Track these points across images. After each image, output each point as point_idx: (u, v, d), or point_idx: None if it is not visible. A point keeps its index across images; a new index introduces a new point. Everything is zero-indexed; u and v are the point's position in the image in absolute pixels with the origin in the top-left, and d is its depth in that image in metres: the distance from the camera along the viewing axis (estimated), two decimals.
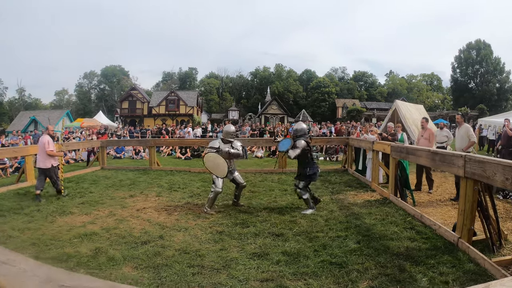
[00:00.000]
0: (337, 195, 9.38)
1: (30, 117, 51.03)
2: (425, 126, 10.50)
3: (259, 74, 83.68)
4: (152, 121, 49.83)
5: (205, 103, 73.64)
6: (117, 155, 21.52)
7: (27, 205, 8.75)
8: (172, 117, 52.36)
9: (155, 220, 7.17)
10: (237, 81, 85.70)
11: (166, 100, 53.08)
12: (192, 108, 53.07)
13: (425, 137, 10.21)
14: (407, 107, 17.95)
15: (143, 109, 53.55)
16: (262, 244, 5.56)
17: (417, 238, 5.65)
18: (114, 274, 4.59)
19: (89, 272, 4.67)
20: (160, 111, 52.92)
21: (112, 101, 75.32)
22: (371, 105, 65.32)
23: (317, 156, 19.17)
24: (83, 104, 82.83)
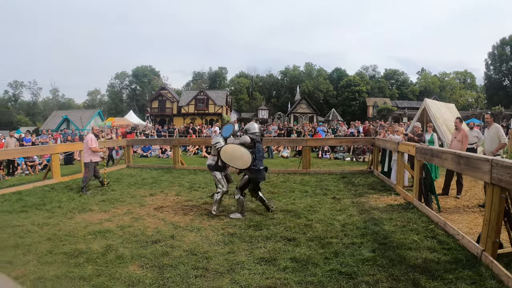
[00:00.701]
0: (359, 198, 8.97)
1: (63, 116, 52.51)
2: (459, 127, 9.73)
3: (289, 73, 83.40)
4: (182, 120, 50.38)
5: (235, 102, 73.87)
6: (144, 153, 21.82)
7: (50, 201, 9.06)
8: (201, 116, 52.81)
9: (170, 219, 7.20)
10: (267, 80, 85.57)
11: (195, 99, 53.54)
12: (221, 107, 53.34)
13: (458, 139, 9.49)
14: (437, 106, 17.31)
15: (173, 108, 54.22)
16: (272, 248, 5.41)
17: (438, 248, 5.24)
18: (119, 272, 4.65)
19: (96, 268, 4.77)
20: (189, 110, 53.43)
21: (143, 100, 76.55)
22: (402, 104, 63.98)
23: (343, 156, 18.93)
24: (114, 104, 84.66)
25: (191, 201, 8.84)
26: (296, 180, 11.77)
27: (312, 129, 24.98)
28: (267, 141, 16.85)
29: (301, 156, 14.88)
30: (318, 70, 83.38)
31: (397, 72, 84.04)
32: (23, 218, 7.52)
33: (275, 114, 59.94)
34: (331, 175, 12.76)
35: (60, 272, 4.68)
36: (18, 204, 8.84)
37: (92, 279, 4.45)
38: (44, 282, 4.43)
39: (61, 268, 4.81)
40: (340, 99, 72.56)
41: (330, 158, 19.15)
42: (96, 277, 4.52)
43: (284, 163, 16.93)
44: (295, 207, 8.06)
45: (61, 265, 4.95)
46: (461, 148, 9.05)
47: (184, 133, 26.10)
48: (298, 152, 19.56)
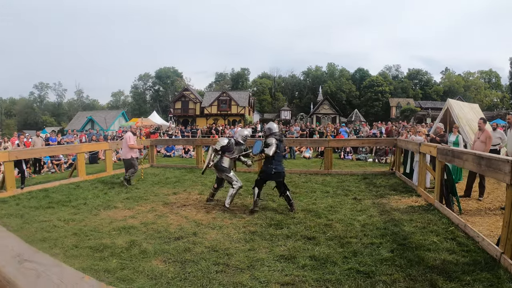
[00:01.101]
0: (380, 199, 8.91)
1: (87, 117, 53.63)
2: (483, 127, 9.53)
3: (312, 73, 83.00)
4: (204, 121, 50.71)
5: (258, 103, 73.94)
6: (167, 153, 22.10)
7: (75, 198, 9.34)
8: (224, 117, 53.02)
9: (193, 217, 7.32)
10: (290, 81, 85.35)
11: (218, 100, 53.83)
12: (244, 108, 53.49)
13: (482, 140, 9.31)
14: (460, 106, 16.98)
15: (196, 109, 54.60)
16: (292, 246, 5.47)
17: (457, 250, 5.19)
18: (143, 265, 4.78)
19: (120, 262, 4.93)
20: (212, 111, 53.74)
21: (166, 101, 77.29)
22: (426, 104, 62.62)
23: (365, 157, 18.80)
24: (138, 105, 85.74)
25: (213, 200, 8.90)
26: (318, 180, 11.76)
27: (335, 130, 24.87)
28: (289, 142, 16.90)
29: (323, 157, 14.87)
30: (340, 70, 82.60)
31: (421, 72, 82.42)
32: (50, 214, 7.78)
33: (297, 115, 59.78)
34: (353, 176, 12.71)
35: (86, 264, 4.84)
36: (45, 201, 9.12)
37: (116, 272, 4.59)
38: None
39: (86, 261, 4.98)
40: (363, 99, 71.82)
41: (352, 159, 19.01)
42: (120, 270, 4.66)
43: (306, 164, 16.91)
44: (315, 207, 8.07)
45: (87, 258, 5.12)
46: (484, 149, 8.90)
47: (207, 133, 26.30)
48: (320, 153, 19.51)
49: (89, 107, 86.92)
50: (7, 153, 10.52)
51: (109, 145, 14.56)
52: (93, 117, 53.15)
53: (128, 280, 4.36)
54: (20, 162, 11.28)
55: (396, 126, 23.69)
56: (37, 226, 6.81)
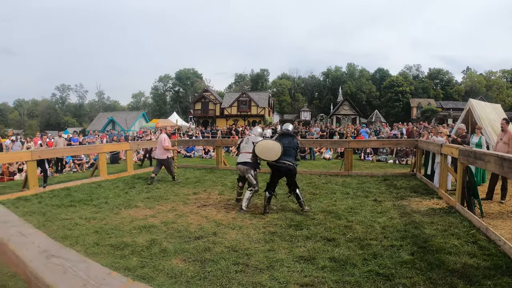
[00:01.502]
0: (401, 200, 8.76)
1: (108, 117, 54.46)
2: (505, 128, 9.21)
3: (331, 74, 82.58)
4: (224, 122, 50.86)
5: (277, 104, 73.89)
6: (187, 154, 22.24)
7: (97, 197, 9.51)
8: (244, 118, 53.10)
9: (213, 217, 7.35)
10: (309, 82, 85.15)
11: (237, 101, 53.94)
12: (264, 109, 53.48)
13: (504, 141, 8.98)
14: (482, 106, 16.62)
15: (215, 110, 54.81)
16: (312, 248, 5.44)
17: (478, 254, 5.08)
18: (163, 264, 4.83)
19: (140, 260, 4.98)
20: (232, 112, 53.87)
21: (186, 102, 77.88)
22: (447, 104, 61.47)
23: (386, 158, 18.61)
24: (158, 106, 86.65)
25: (233, 200, 8.93)
26: (338, 182, 11.65)
27: (355, 130, 24.69)
28: (309, 143, 16.86)
29: (343, 158, 14.76)
30: (360, 70, 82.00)
31: (442, 72, 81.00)
32: (72, 212, 7.94)
33: (317, 115, 59.54)
34: (373, 177, 12.56)
35: (106, 262, 4.90)
36: (67, 199, 9.30)
37: (137, 270, 4.65)
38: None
39: (107, 259, 5.05)
40: (383, 100, 71.17)
41: (372, 161, 18.88)
42: (141, 268, 4.72)
43: (326, 165, 16.81)
44: (335, 208, 7.99)
45: (107, 256, 5.20)
46: (508, 150, 8.60)
47: (227, 134, 26.39)
48: (340, 154, 19.35)
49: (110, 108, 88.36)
50: (30, 152, 10.76)
51: (130, 146, 14.73)
52: (114, 118, 53.89)
53: (148, 278, 4.40)
54: (42, 162, 11.52)
55: (417, 127, 23.36)
56: (59, 224, 6.95)
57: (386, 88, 71.24)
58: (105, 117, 56.68)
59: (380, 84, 75.38)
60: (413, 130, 21.90)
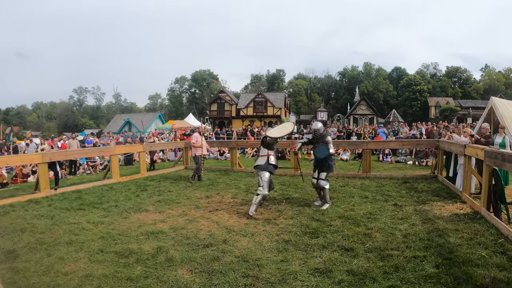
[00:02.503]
0: (422, 205, 8.26)
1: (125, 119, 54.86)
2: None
3: (348, 73, 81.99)
4: (240, 123, 50.73)
5: (294, 104, 73.60)
6: None
7: (107, 200, 9.34)
8: (260, 119, 52.94)
9: (224, 223, 7.05)
10: (325, 82, 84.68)
11: (253, 102, 53.85)
12: (280, 109, 53.27)
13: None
14: (504, 104, 15.96)
15: (231, 111, 54.87)
16: (328, 258, 5.07)
17: (508, 266, 4.68)
18: (167, 275, 4.59)
19: (145, 270, 4.75)
20: (248, 112, 53.80)
21: (203, 103, 78.07)
22: (466, 103, 60.26)
23: (405, 160, 18.12)
24: (175, 107, 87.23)
25: (247, 204, 8.56)
26: (356, 184, 11.23)
27: (373, 131, 24.19)
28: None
29: (361, 159, 14.32)
30: (377, 69, 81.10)
31: (460, 70, 79.56)
32: (80, 216, 7.78)
33: (334, 116, 59.05)
34: (392, 179, 12.08)
35: (109, 271, 4.70)
36: (76, 202, 9.16)
37: (139, 281, 4.41)
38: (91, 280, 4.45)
39: (110, 267, 4.85)
40: (401, 99, 70.19)
41: (391, 162, 18.38)
42: (144, 278, 4.47)
43: (343, 167, 16.32)
44: (354, 213, 7.59)
45: (111, 264, 4.99)
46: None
47: (242, 135, 26.10)
48: (358, 155, 18.88)
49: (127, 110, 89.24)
50: (41, 155, 10.68)
51: (143, 147, 14.51)
52: (131, 120, 54.19)
53: None
54: (54, 164, 11.43)
55: (437, 126, 22.70)
56: (66, 228, 6.80)
57: (403, 87, 70.27)
58: (121, 119, 57.05)
59: (397, 83, 74.45)
60: (433, 130, 21.27)
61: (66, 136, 19.90)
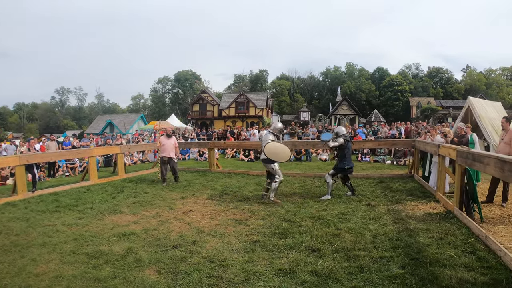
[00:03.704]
0: (396, 205, 8.34)
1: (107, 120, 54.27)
2: (506, 127, 8.66)
3: (330, 74, 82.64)
4: (223, 123, 50.83)
5: (277, 105, 73.88)
6: (182, 156, 22.05)
7: (83, 203, 9.36)
8: (242, 119, 53.05)
9: (196, 224, 7.13)
10: (308, 82, 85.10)
11: (235, 102, 53.97)
12: (262, 109, 53.44)
13: (506, 141, 8.48)
14: (482, 104, 16.28)
15: (214, 112, 54.93)
16: (294, 259, 5.13)
17: (476, 266, 4.72)
18: (134, 275, 4.67)
19: (113, 270, 4.83)
20: (230, 113, 53.91)
21: (185, 104, 77.85)
22: (447, 103, 61.31)
23: (383, 159, 18.38)
24: (157, 108, 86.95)
25: (220, 205, 8.70)
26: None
27: (352, 131, 24.46)
28: (303, 144, 16.63)
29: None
30: (359, 70, 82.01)
31: (441, 70, 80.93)
32: (55, 218, 7.81)
33: (316, 116, 59.45)
34: (369, 179, 12.33)
35: (78, 272, 4.78)
36: (53, 205, 9.17)
37: (107, 281, 4.48)
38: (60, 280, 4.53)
39: (80, 269, 4.92)
40: (383, 99, 71.09)
41: (370, 161, 18.63)
42: (111, 279, 4.55)
43: (322, 167, 16.46)
44: (325, 214, 7.67)
45: (81, 265, 5.06)
46: (509, 151, 8.15)
47: (222, 136, 26.18)
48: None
49: (110, 111, 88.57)
50: (18, 157, 10.61)
51: (121, 149, 14.51)
52: (112, 121, 53.77)
53: None
54: (31, 166, 11.38)
55: (416, 126, 23.05)
56: (40, 231, 6.83)
57: (386, 87, 71.20)
58: (103, 120, 56.58)
59: (380, 83, 75.32)
60: (412, 129, 21.59)
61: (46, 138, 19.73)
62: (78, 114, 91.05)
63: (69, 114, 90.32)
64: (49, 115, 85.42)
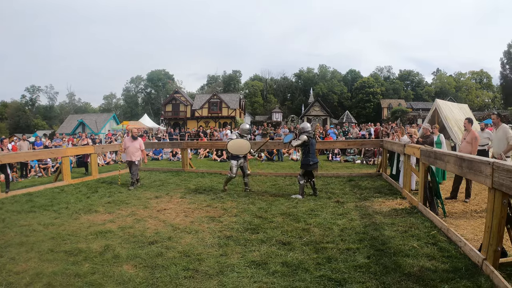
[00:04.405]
0: (364, 201, 8.74)
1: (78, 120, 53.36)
2: (468, 128, 9.23)
3: (303, 75, 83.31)
4: (195, 123, 50.67)
5: (250, 105, 74.08)
6: (155, 156, 22.11)
7: (58, 203, 9.37)
8: (215, 120, 53.10)
9: (171, 221, 7.32)
10: (282, 83, 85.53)
11: (208, 102, 53.94)
12: (234, 110, 53.56)
13: (468, 141, 9.03)
14: (449, 106, 16.80)
15: (186, 112, 54.72)
16: (265, 252, 5.40)
17: (437, 256, 4.99)
18: (113, 270, 4.83)
19: (92, 266, 4.97)
20: (202, 113, 53.84)
21: (158, 104, 77.27)
22: (417, 105, 62.95)
23: (353, 159, 18.86)
24: (130, 108, 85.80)
25: (194, 204, 8.92)
26: None
27: (323, 131, 24.92)
28: (275, 144, 16.93)
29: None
30: (332, 72, 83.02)
31: (412, 73, 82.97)
32: (31, 218, 7.81)
33: (288, 116, 59.96)
34: (338, 178, 12.66)
35: (58, 269, 4.89)
36: (28, 205, 9.13)
37: (87, 277, 4.63)
38: (41, 277, 4.64)
39: (59, 266, 5.03)
40: (355, 101, 72.23)
41: (340, 161, 19.09)
42: (91, 274, 4.70)
43: (293, 166, 16.81)
44: (296, 210, 8.00)
45: (60, 262, 5.16)
46: (471, 150, 8.74)
47: (195, 136, 26.28)
48: None
49: (81, 110, 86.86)
50: None
51: (94, 149, 14.52)
52: (84, 120, 52.96)
53: (97, 284, 4.39)
54: (4, 167, 11.29)
55: (386, 127, 23.69)
56: (17, 230, 6.84)
57: (357, 89, 72.35)
58: (75, 120, 55.52)
59: (352, 85, 76.51)
60: (381, 130, 22.17)
61: (17, 138, 19.45)
62: (48, 114, 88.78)
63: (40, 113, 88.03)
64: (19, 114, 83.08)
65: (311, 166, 9.65)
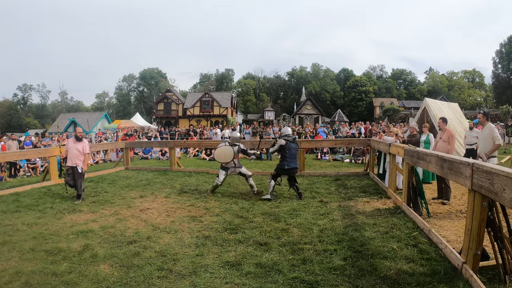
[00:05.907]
0: (348, 201, 8.69)
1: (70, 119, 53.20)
2: (443, 127, 9.28)
3: (296, 74, 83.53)
4: (187, 122, 50.68)
5: (242, 104, 74.15)
6: (144, 155, 22.16)
7: (43, 202, 9.44)
8: (207, 118, 53.17)
9: (152, 221, 7.40)
10: (274, 82, 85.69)
11: (200, 101, 54.02)
12: (226, 109, 53.68)
13: (444, 139, 9.01)
14: (438, 105, 16.67)
15: (178, 111, 54.82)
16: (241, 252, 5.42)
17: (416, 258, 4.92)
18: (90, 269, 4.93)
19: (70, 265, 5.07)
20: (194, 112, 53.93)
21: (151, 102, 77.14)
22: (409, 104, 63.53)
23: (342, 158, 18.97)
24: (122, 106, 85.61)
25: (178, 203, 9.01)
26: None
27: (314, 130, 25.02)
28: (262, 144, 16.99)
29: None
30: (325, 70, 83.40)
31: (405, 72, 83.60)
32: (16, 218, 7.88)
33: (280, 115, 60.12)
34: (325, 177, 12.67)
35: (37, 268, 4.99)
36: (13, 205, 9.18)
37: (64, 276, 4.73)
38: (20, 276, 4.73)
39: (38, 265, 5.12)
40: (347, 99, 72.56)
41: (329, 160, 19.14)
42: (68, 273, 4.79)
43: None
44: (278, 210, 7.99)
45: (40, 261, 5.26)
46: (448, 149, 8.73)
47: (185, 135, 26.33)
48: None
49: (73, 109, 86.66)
50: None
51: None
52: (76, 119, 52.80)
53: (72, 283, 4.49)
54: None
55: (377, 126, 23.81)
56: (1, 230, 6.93)
57: (350, 88, 72.67)
58: (67, 118, 55.44)
59: (344, 84, 76.80)
60: (373, 129, 22.20)
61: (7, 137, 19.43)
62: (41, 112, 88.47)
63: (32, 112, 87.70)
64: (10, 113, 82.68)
65: (286, 170, 9.46)
